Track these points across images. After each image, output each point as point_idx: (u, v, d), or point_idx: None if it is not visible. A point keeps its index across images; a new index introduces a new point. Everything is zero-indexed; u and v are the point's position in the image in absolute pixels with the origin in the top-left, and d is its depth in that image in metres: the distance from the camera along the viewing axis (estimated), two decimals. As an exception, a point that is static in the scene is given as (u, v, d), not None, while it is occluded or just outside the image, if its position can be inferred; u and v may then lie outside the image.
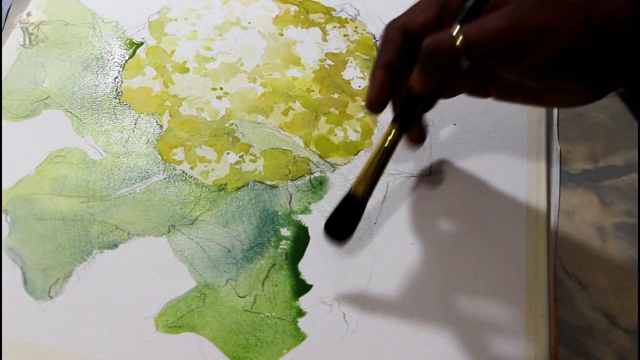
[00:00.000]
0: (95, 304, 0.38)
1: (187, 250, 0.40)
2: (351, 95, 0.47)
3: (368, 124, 0.46)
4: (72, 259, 0.39)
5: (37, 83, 0.47)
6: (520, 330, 0.37)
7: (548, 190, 0.43)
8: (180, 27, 0.51)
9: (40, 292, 0.38)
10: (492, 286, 0.39)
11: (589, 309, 0.39)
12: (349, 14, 0.52)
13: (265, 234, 0.40)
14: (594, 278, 0.40)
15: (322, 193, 0.42)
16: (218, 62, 0.49)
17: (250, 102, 0.46)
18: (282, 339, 0.37)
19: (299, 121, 0.46)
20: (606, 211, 0.42)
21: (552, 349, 0.37)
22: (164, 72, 0.48)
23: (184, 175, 0.43)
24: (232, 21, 0.51)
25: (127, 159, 0.43)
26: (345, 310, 0.38)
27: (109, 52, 0.49)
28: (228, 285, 0.38)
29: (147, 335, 0.37)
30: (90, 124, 0.45)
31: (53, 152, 0.44)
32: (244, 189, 0.42)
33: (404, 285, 0.39)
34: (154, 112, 0.46)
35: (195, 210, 0.41)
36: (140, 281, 0.38)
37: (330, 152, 0.44)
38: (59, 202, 0.41)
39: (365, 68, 0.49)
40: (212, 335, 0.37)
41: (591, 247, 0.41)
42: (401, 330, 0.37)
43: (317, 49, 0.50)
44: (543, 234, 0.41)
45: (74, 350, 0.36)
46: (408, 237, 0.40)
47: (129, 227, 0.41)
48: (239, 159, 0.44)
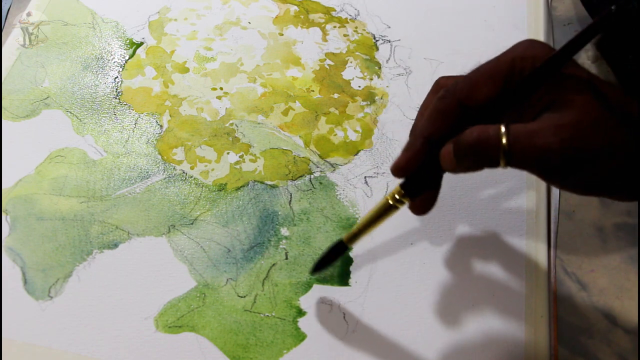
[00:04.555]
0: (95, 304, 0.38)
1: (187, 250, 0.40)
2: (351, 95, 0.47)
3: (368, 124, 0.46)
4: (72, 259, 0.39)
5: (37, 83, 0.47)
6: (520, 330, 0.37)
7: (548, 190, 0.43)
8: (180, 27, 0.51)
9: (40, 292, 0.38)
10: (492, 286, 0.39)
11: (589, 309, 0.39)
12: (349, 14, 0.52)
13: (265, 234, 0.40)
14: (594, 278, 0.40)
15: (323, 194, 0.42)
16: (218, 62, 0.49)
17: (250, 102, 0.46)
18: (282, 339, 0.37)
19: (299, 121, 0.46)
20: (606, 211, 0.42)
21: (552, 349, 0.37)
22: (164, 72, 0.48)
23: (184, 175, 0.43)
24: (232, 21, 0.51)
25: (127, 159, 0.43)
26: (345, 310, 0.38)
27: (109, 52, 0.49)
28: (228, 285, 0.38)
29: (147, 335, 0.37)
30: (90, 124, 0.45)
31: (53, 152, 0.44)
32: (244, 189, 0.42)
33: (403, 286, 0.39)
34: (154, 112, 0.46)
35: (195, 210, 0.41)
36: (140, 281, 0.38)
37: (330, 152, 0.44)
38: (59, 202, 0.41)
39: (365, 68, 0.49)
40: (212, 335, 0.37)
41: (591, 247, 0.41)
42: (401, 331, 0.37)
43: (317, 49, 0.50)
44: (543, 234, 0.41)
45: (74, 350, 0.36)
46: (408, 237, 0.40)
47: (129, 227, 0.41)
48: (239, 159, 0.44)
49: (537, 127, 0.28)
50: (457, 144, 0.29)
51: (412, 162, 0.31)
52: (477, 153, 0.29)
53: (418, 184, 0.32)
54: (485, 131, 0.28)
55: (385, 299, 0.38)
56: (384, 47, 0.50)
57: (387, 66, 0.49)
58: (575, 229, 0.41)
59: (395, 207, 0.33)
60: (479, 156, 0.29)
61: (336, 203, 0.42)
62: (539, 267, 0.39)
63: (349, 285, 0.39)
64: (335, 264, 0.37)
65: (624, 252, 0.40)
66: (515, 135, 0.28)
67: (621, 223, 0.42)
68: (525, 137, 0.28)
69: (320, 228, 0.41)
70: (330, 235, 0.40)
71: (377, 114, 0.46)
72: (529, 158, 0.28)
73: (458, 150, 0.29)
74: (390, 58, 0.49)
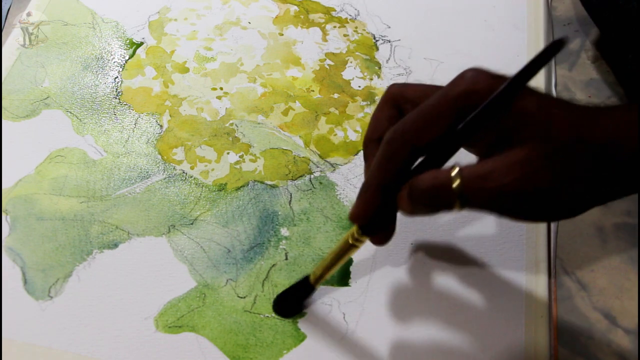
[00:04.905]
0: (95, 304, 0.38)
1: (187, 250, 0.40)
2: (351, 95, 0.47)
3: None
4: (72, 259, 0.39)
5: (37, 83, 0.47)
6: (520, 330, 0.37)
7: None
8: (180, 27, 0.51)
9: (40, 292, 0.38)
10: (492, 286, 0.39)
11: (589, 309, 0.39)
12: (349, 14, 0.52)
13: (265, 234, 0.40)
14: (594, 278, 0.40)
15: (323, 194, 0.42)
16: (218, 62, 0.49)
17: (250, 102, 0.46)
18: (282, 339, 0.37)
19: (299, 121, 0.46)
20: (606, 211, 0.42)
21: (552, 349, 0.37)
22: (164, 72, 0.48)
23: (184, 175, 0.43)
24: (232, 21, 0.51)
25: (127, 158, 0.43)
26: (345, 310, 0.38)
27: (109, 52, 0.49)
28: (228, 286, 0.38)
29: (147, 335, 0.37)
30: (90, 124, 0.45)
31: (53, 152, 0.44)
32: (244, 189, 0.42)
33: (403, 286, 0.39)
34: (154, 112, 0.46)
35: (195, 210, 0.41)
36: (140, 281, 0.38)
37: (330, 152, 0.44)
38: (59, 202, 0.41)
39: (365, 68, 0.49)
40: (212, 335, 0.37)
41: (591, 247, 0.41)
42: (401, 331, 0.37)
43: (317, 49, 0.50)
44: (543, 234, 0.41)
45: (74, 350, 0.36)
46: (408, 237, 0.40)
47: (129, 227, 0.41)
48: (239, 159, 0.44)
49: (488, 169, 0.27)
50: (411, 191, 0.29)
51: (369, 209, 0.31)
52: (431, 198, 0.29)
53: (376, 226, 0.32)
54: (437, 177, 0.28)
55: (385, 299, 0.38)
56: (384, 47, 0.50)
57: (387, 66, 0.49)
58: (575, 229, 0.41)
59: (355, 245, 0.33)
60: (433, 201, 0.29)
61: (336, 203, 0.42)
62: (538, 267, 0.39)
63: (349, 285, 0.39)
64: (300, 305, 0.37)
65: (624, 252, 0.40)
66: (467, 179, 0.27)
67: (621, 223, 0.42)
68: (477, 180, 0.27)
69: (320, 228, 0.41)
70: (330, 235, 0.40)
71: (377, 114, 0.46)
72: (483, 200, 0.28)
73: (412, 197, 0.29)
74: (390, 58, 0.49)
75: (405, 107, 0.32)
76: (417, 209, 0.30)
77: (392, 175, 0.30)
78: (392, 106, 0.32)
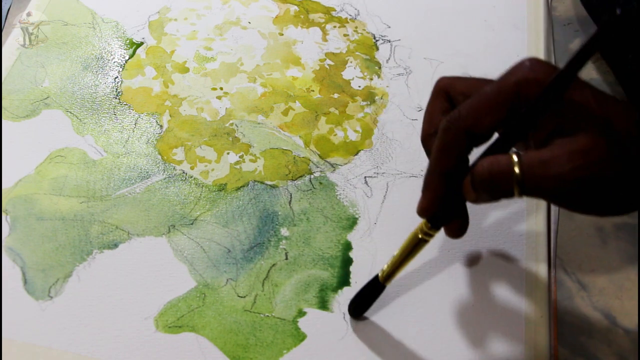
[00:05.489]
0: (95, 304, 0.38)
1: (187, 250, 0.40)
2: (351, 95, 0.47)
3: (368, 124, 0.46)
4: (72, 259, 0.39)
5: (37, 83, 0.47)
6: (520, 330, 0.37)
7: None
8: (180, 27, 0.51)
9: (40, 292, 0.38)
10: (492, 286, 0.39)
11: (589, 309, 0.39)
12: (349, 14, 0.52)
13: (265, 234, 0.40)
14: (594, 278, 0.40)
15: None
16: (218, 62, 0.49)
17: (250, 102, 0.46)
18: (282, 339, 0.37)
19: (299, 121, 0.46)
20: (606, 211, 0.42)
21: (552, 349, 0.37)
22: (164, 72, 0.48)
23: (184, 175, 0.43)
24: (232, 21, 0.51)
25: (127, 159, 0.43)
26: (345, 310, 0.38)
27: (109, 52, 0.49)
28: (228, 285, 0.38)
29: (147, 335, 0.37)
30: (90, 124, 0.45)
31: (53, 152, 0.44)
32: (244, 189, 0.42)
33: (403, 286, 0.39)
34: (154, 112, 0.46)
35: (195, 210, 0.41)
36: (140, 281, 0.38)
37: (330, 152, 0.44)
38: (59, 202, 0.41)
39: (365, 68, 0.49)
40: (212, 335, 0.37)
41: (591, 247, 0.41)
42: (401, 331, 0.37)
43: (317, 48, 0.50)
44: (543, 234, 0.41)
45: (74, 350, 0.36)
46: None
47: (129, 227, 0.41)
48: (239, 159, 0.44)
49: (549, 155, 0.27)
50: (472, 177, 0.29)
51: (435, 200, 0.31)
52: (491, 184, 0.28)
53: (444, 217, 0.32)
54: (498, 163, 0.28)
55: (384, 299, 0.38)
56: (384, 47, 0.50)
57: (387, 66, 0.49)
58: (575, 229, 0.41)
59: (425, 240, 0.33)
60: (493, 187, 0.28)
61: (336, 203, 0.42)
62: (538, 267, 0.39)
63: (349, 285, 0.39)
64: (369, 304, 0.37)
65: (624, 252, 0.40)
66: (528, 165, 0.27)
67: (621, 223, 0.42)
68: (538, 166, 0.27)
69: (320, 228, 0.41)
70: (330, 235, 0.40)
71: (377, 114, 0.46)
72: (542, 187, 0.27)
73: (474, 183, 0.29)
74: (390, 58, 0.49)
75: (457, 99, 0.32)
76: (480, 196, 0.29)
77: (453, 162, 0.30)
78: (444, 99, 0.32)
